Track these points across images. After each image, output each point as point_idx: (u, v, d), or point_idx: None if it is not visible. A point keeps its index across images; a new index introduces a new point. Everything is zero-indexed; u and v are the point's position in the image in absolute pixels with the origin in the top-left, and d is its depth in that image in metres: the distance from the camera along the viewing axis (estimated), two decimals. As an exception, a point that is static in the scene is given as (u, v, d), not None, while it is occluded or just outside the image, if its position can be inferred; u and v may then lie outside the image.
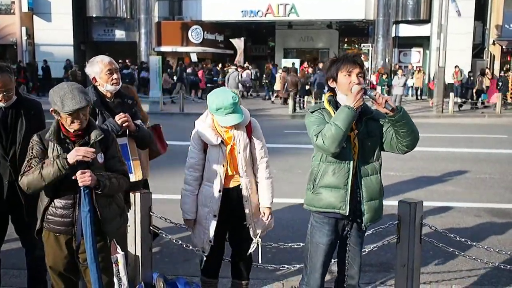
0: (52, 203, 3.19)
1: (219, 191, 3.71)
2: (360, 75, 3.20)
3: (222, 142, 3.68)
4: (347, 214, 3.24)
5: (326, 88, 3.46)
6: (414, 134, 3.18)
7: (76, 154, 3.01)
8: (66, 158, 3.00)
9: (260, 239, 3.88)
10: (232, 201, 3.75)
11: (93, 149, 3.06)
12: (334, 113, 3.19)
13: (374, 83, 23.99)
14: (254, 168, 3.82)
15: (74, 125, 3.10)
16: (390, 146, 3.29)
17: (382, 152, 3.38)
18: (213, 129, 3.69)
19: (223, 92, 3.64)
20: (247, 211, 3.77)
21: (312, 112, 3.31)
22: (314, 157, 3.37)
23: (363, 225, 3.31)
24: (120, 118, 3.92)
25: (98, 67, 3.98)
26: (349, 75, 3.20)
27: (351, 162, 3.21)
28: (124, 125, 3.94)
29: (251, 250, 3.88)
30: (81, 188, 3.03)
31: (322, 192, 3.27)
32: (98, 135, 3.18)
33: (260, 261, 3.97)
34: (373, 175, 3.29)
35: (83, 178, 3.01)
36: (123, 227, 3.54)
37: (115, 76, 4.00)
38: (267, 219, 3.83)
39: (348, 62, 3.22)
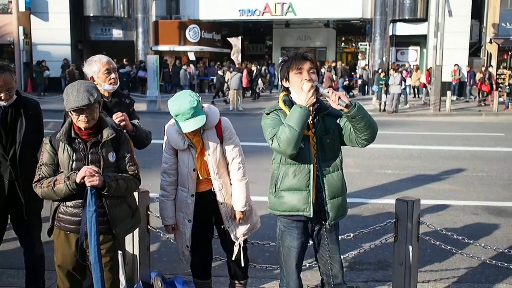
0: (63, 202, 3.22)
1: (192, 196, 3.66)
2: (311, 71, 3.12)
3: (190, 145, 3.61)
4: (311, 216, 3.15)
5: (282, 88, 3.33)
6: (372, 128, 3.06)
7: (82, 175, 3.04)
8: (75, 181, 3.04)
9: (241, 242, 3.79)
10: (208, 204, 3.69)
11: (97, 168, 3.09)
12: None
13: (425, 82, 23.89)
14: (228, 170, 3.73)
15: (80, 123, 3.11)
16: (350, 141, 3.19)
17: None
18: (180, 133, 3.59)
19: (181, 97, 3.50)
20: (223, 214, 3.69)
21: (267, 114, 3.20)
22: (274, 160, 3.26)
23: (327, 223, 3.21)
24: (117, 117, 3.91)
25: (96, 67, 3.96)
26: (300, 72, 3.10)
27: (311, 162, 3.12)
28: (121, 124, 3.94)
29: (235, 253, 3.79)
30: (88, 188, 3.05)
31: (285, 196, 3.17)
32: (110, 134, 3.20)
33: (242, 264, 3.87)
34: (334, 172, 3.20)
35: (91, 179, 3.03)
36: (134, 227, 3.55)
37: (112, 75, 3.99)
38: (239, 222, 3.74)
39: (297, 59, 3.12)
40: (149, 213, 4.28)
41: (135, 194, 4.03)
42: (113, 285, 3.36)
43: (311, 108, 3.09)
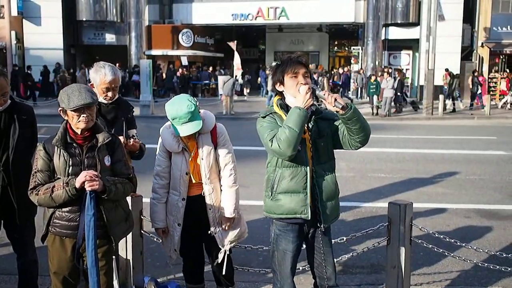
0: (60, 208, 3.20)
1: (183, 200, 3.66)
2: (306, 75, 3.18)
3: (184, 149, 3.62)
4: (309, 218, 3.17)
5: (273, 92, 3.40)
6: (366, 130, 3.13)
7: (82, 180, 3.03)
8: (75, 187, 3.03)
9: (227, 250, 3.77)
10: (197, 209, 3.69)
11: (97, 173, 3.08)
12: (286, 116, 3.13)
13: (505, 89, 23.93)
14: (220, 176, 3.74)
15: (80, 124, 3.11)
16: (343, 143, 3.24)
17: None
18: (175, 136, 3.60)
19: (178, 101, 3.52)
20: (210, 219, 3.69)
21: (263, 117, 3.23)
22: (270, 163, 3.28)
23: (321, 226, 3.24)
24: (133, 142, 3.98)
25: (98, 79, 3.89)
26: (295, 76, 3.16)
27: (308, 164, 3.17)
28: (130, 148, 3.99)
29: (218, 260, 3.78)
30: (87, 192, 3.05)
31: (281, 199, 3.19)
32: (105, 138, 3.21)
33: (224, 272, 3.81)
34: (328, 175, 3.25)
35: (92, 183, 3.03)
36: (129, 231, 3.56)
37: (109, 94, 3.94)
38: (226, 229, 3.73)
39: (293, 63, 3.18)
40: (142, 217, 4.28)
41: (128, 198, 4.03)
42: None
43: (308, 110, 3.13)
